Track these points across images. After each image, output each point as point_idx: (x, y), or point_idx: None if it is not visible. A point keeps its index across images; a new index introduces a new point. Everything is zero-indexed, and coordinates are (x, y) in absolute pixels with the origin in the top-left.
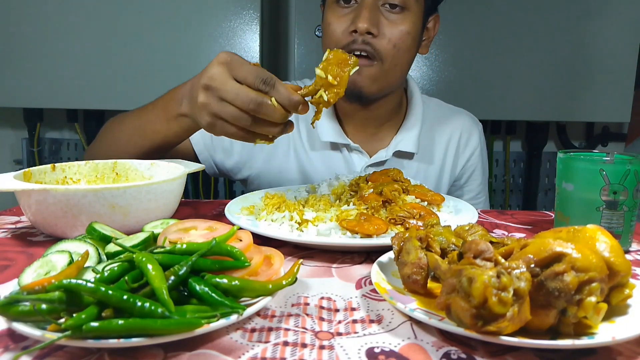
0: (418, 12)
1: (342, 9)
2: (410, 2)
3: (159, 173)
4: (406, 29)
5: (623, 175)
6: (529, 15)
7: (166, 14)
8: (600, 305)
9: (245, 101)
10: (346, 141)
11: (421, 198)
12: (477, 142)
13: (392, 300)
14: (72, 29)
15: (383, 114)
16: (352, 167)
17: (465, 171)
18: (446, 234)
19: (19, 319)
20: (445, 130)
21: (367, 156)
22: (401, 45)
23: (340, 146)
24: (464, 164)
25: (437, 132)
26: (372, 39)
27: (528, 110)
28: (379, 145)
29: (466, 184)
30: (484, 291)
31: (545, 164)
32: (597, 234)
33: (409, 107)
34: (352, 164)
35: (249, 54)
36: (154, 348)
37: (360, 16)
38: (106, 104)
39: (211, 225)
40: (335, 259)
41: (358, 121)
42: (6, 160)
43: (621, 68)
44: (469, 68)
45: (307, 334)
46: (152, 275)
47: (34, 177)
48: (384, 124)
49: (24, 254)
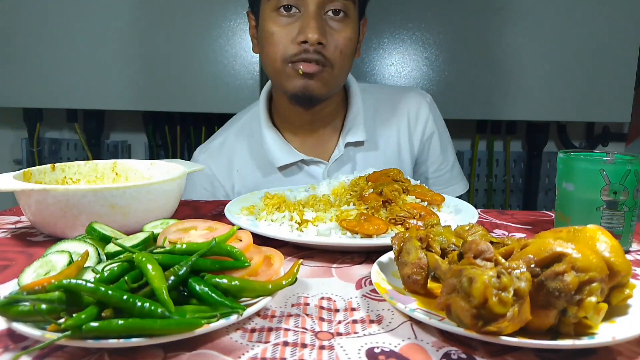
0: (355, 17)
1: (284, 18)
2: (350, 7)
3: (159, 173)
4: (349, 35)
5: (623, 175)
6: (529, 15)
7: (166, 14)
8: (600, 306)
9: None
10: (299, 157)
11: (421, 198)
12: (426, 113)
13: (392, 300)
14: (72, 29)
15: (327, 115)
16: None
17: (423, 146)
18: (446, 234)
19: (18, 319)
20: (392, 114)
21: (324, 161)
22: (347, 51)
23: (296, 164)
24: (420, 138)
25: (384, 117)
26: (322, 47)
27: (528, 110)
28: (329, 147)
29: (428, 157)
30: (484, 291)
31: (546, 164)
32: (598, 234)
33: (349, 99)
34: (312, 175)
35: (248, 54)
36: (153, 348)
37: (309, 27)
38: (106, 104)
39: (211, 225)
40: (335, 259)
41: (303, 129)
42: (6, 160)
43: (621, 68)
44: (469, 68)
45: (307, 334)
46: (152, 275)
47: (34, 177)
48: (328, 125)
49: (24, 254)
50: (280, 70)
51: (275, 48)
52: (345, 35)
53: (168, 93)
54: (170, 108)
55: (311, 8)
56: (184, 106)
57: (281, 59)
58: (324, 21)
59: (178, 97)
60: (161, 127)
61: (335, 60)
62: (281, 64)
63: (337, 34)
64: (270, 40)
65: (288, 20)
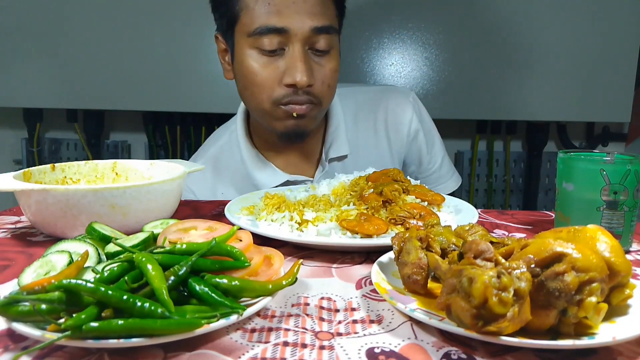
0: (338, 44)
1: (266, 57)
2: (334, 41)
3: (159, 173)
4: (334, 66)
5: (623, 175)
6: (529, 15)
7: (166, 14)
8: (600, 306)
9: None
10: (285, 178)
11: (421, 198)
12: (409, 113)
13: (393, 300)
14: (72, 29)
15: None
16: None
17: (409, 146)
18: (446, 234)
19: (18, 319)
20: (373, 115)
21: (309, 178)
22: (333, 83)
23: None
24: (405, 139)
25: (365, 120)
26: (310, 88)
27: (528, 110)
28: (313, 162)
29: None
30: (484, 291)
31: (546, 164)
32: (598, 234)
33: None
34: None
35: None
36: (153, 348)
37: (296, 69)
38: (106, 104)
39: (211, 225)
40: (335, 259)
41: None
42: (6, 160)
43: (621, 68)
44: (469, 68)
45: (307, 334)
46: (152, 275)
47: (34, 177)
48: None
49: (24, 254)
50: (269, 112)
51: (260, 89)
52: (331, 67)
53: (168, 93)
54: (170, 108)
55: (297, 48)
56: (184, 106)
57: (269, 102)
58: (310, 58)
59: (178, 97)
60: (161, 127)
61: (324, 95)
62: (270, 106)
63: (322, 69)
64: (253, 81)
65: (270, 59)
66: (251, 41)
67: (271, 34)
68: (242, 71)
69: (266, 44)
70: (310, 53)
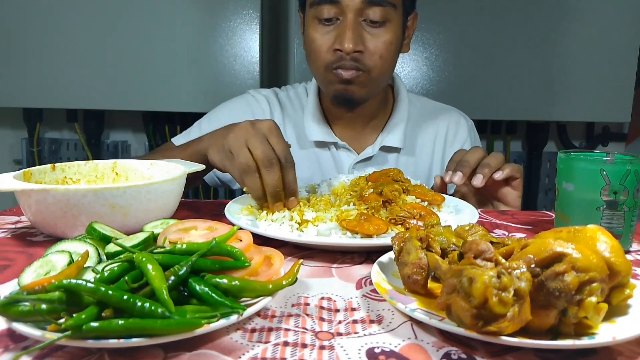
0: (398, 18)
1: (325, 27)
2: (390, 14)
3: (159, 173)
4: (389, 39)
5: (623, 175)
6: (529, 15)
7: (166, 14)
8: (600, 306)
9: (262, 157)
10: (334, 139)
11: (421, 198)
12: (465, 135)
13: (393, 300)
14: (72, 28)
15: (369, 114)
16: (340, 165)
17: None
18: (446, 234)
19: (19, 319)
20: (432, 127)
21: (355, 153)
22: (386, 55)
23: (328, 144)
24: None
25: (424, 128)
26: (358, 55)
27: (528, 110)
28: (365, 143)
29: None
30: (484, 291)
31: (546, 164)
32: (598, 234)
33: (395, 105)
34: (340, 161)
35: (248, 54)
36: (154, 348)
37: (345, 37)
38: (106, 104)
39: (211, 225)
40: (335, 259)
41: (345, 121)
42: (6, 160)
43: (621, 68)
44: (469, 68)
45: (307, 334)
46: (152, 275)
47: (34, 177)
48: (370, 122)
49: (24, 254)
50: (322, 75)
51: (316, 54)
52: (385, 40)
53: (168, 93)
54: (170, 108)
55: (349, 17)
56: (184, 106)
57: (322, 65)
58: (362, 28)
59: (178, 97)
60: (161, 127)
61: (374, 65)
62: (323, 69)
63: (376, 39)
64: (312, 47)
65: (328, 28)
66: (313, 12)
67: (327, 4)
68: (306, 39)
69: (324, 13)
70: (364, 24)
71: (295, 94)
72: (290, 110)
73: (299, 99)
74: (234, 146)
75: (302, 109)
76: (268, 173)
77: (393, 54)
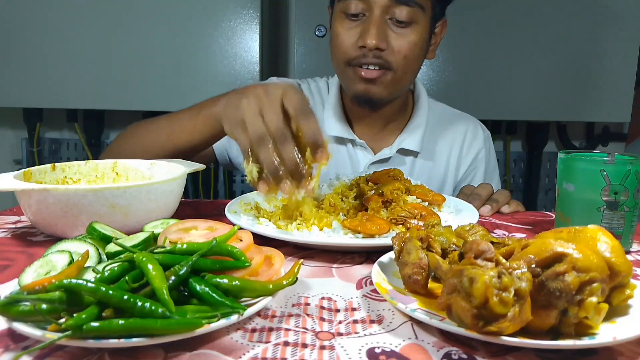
0: (426, 21)
1: (351, 22)
2: (417, 15)
3: (159, 173)
4: (414, 40)
5: (624, 175)
6: (529, 15)
7: (166, 14)
8: (601, 306)
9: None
10: (352, 137)
11: (422, 198)
12: (481, 144)
13: (393, 300)
14: (72, 28)
15: (389, 115)
16: (356, 163)
17: (468, 174)
18: (447, 234)
19: (19, 319)
20: (450, 133)
21: (372, 153)
22: (410, 56)
23: (345, 141)
24: (468, 166)
25: (441, 134)
26: (381, 52)
27: (528, 110)
28: (383, 144)
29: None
30: (485, 291)
31: (546, 164)
32: (598, 234)
33: (415, 109)
34: (357, 159)
35: (249, 54)
36: (154, 348)
37: (368, 32)
38: (106, 104)
39: (211, 225)
40: (335, 259)
41: (365, 121)
42: (6, 160)
43: (621, 68)
44: (469, 68)
45: (307, 334)
46: (152, 275)
47: (34, 177)
48: (389, 124)
49: (24, 254)
50: (342, 71)
51: (338, 50)
52: (410, 40)
53: (168, 93)
54: (170, 108)
55: (375, 13)
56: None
57: (343, 61)
58: (387, 26)
59: (178, 97)
60: None
61: (398, 65)
62: (343, 65)
63: (400, 39)
64: (335, 42)
65: (353, 24)
66: (341, 6)
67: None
68: (331, 33)
69: (352, 7)
70: (391, 23)
71: (317, 87)
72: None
73: (319, 93)
74: (247, 115)
75: (321, 103)
76: (284, 147)
77: (417, 55)
